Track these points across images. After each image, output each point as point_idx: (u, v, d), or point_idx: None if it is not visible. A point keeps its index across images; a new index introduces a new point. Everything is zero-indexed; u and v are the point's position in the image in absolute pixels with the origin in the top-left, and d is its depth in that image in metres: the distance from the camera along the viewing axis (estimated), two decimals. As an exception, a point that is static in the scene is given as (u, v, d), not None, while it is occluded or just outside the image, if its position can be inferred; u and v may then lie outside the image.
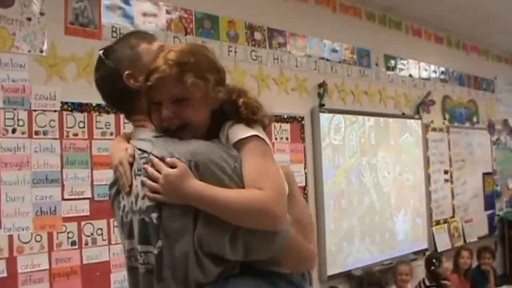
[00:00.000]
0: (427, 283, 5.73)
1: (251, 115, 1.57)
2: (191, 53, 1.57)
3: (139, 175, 1.55)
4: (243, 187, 1.49)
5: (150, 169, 1.51)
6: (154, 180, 1.49)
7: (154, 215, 1.49)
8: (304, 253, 1.62)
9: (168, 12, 4.03)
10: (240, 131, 1.56)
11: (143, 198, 1.52)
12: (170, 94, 1.54)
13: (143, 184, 1.52)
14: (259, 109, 1.61)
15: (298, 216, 1.63)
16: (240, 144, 1.54)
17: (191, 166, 1.48)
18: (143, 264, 1.54)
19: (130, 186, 1.57)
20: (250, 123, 1.58)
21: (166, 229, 1.48)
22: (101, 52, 1.72)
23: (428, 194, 6.49)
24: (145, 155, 1.55)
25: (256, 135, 1.55)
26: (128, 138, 1.72)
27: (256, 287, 1.56)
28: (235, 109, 1.59)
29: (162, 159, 1.50)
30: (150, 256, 1.51)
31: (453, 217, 6.96)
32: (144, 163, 1.53)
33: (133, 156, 1.59)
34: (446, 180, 6.90)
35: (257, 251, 1.51)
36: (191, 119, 1.56)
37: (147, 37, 1.77)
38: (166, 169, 1.48)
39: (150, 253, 1.51)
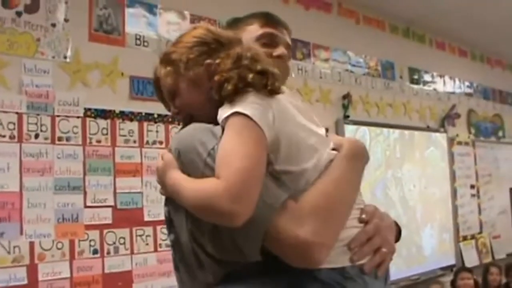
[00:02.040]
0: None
1: (226, 91, 1.35)
2: (175, 42, 1.51)
3: None
4: None
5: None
6: None
7: (165, 209, 1.44)
8: (286, 242, 1.28)
9: (192, 21, 3.99)
10: (221, 111, 1.35)
11: None
12: (165, 93, 1.50)
13: None
14: (227, 78, 1.36)
15: (304, 197, 1.33)
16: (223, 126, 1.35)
17: (176, 155, 1.36)
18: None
19: None
20: (230, 98, 1.34)
21: (173, 222, 1.42)
22: None
23: (455, 208, 6.35)
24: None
25: (234, 112, 1.30)
26: None
27: None
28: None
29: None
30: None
31: (480, 232, 6.80)
32: None
33: None
34: (472, 195, 6.75)
35: (245, 249, 1.28)
36: (187, 108, 1.46)
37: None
38: (157, 162, 1.42)
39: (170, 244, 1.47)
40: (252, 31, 1.67)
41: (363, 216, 1.42)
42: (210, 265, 1.34)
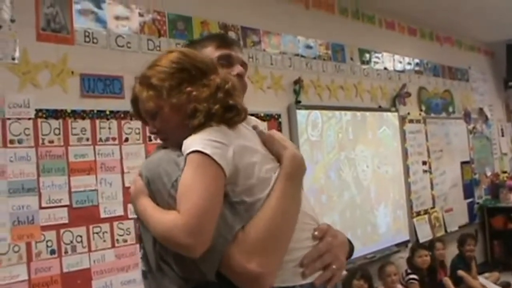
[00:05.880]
0: (409, 271, 5.79)
1: (192, 124, 1.46)
2: (153, 65, 1.55)
3: None
4: None
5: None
6: None
7: (137, 225, 1.58)
8: (237, 272, 1.40)
9: (141, 14, 3.99)
10: (185, 145, 1.44)
11: None
12: (143, 112, 1.56)
13: None
14: (198, 109, 1.45)
15: (250, 229, 1.43)
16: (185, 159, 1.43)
17: (146, 182, 1.48)
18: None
19: None
20: (195, 130, 1.45)
21: (143, 239, 1.54)
22: None
23: (408, 185, 6.51)
24: None
25: (196, 150, 1.39)
26: None
27: None
28: None
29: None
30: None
31: (433, 207, 7.00)
32: None
33: None
34: (425, 171, 6.93)
35: (204, 271, 1.40)
36: (165, 130, 1.54)
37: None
38: (131, 186, 1.54)
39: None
40: (208, 54, 1.71)
41: (316, 233, 1.54)
42: (176, 280, 1.45)
